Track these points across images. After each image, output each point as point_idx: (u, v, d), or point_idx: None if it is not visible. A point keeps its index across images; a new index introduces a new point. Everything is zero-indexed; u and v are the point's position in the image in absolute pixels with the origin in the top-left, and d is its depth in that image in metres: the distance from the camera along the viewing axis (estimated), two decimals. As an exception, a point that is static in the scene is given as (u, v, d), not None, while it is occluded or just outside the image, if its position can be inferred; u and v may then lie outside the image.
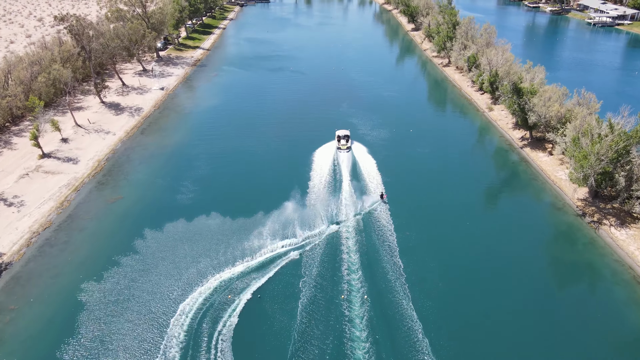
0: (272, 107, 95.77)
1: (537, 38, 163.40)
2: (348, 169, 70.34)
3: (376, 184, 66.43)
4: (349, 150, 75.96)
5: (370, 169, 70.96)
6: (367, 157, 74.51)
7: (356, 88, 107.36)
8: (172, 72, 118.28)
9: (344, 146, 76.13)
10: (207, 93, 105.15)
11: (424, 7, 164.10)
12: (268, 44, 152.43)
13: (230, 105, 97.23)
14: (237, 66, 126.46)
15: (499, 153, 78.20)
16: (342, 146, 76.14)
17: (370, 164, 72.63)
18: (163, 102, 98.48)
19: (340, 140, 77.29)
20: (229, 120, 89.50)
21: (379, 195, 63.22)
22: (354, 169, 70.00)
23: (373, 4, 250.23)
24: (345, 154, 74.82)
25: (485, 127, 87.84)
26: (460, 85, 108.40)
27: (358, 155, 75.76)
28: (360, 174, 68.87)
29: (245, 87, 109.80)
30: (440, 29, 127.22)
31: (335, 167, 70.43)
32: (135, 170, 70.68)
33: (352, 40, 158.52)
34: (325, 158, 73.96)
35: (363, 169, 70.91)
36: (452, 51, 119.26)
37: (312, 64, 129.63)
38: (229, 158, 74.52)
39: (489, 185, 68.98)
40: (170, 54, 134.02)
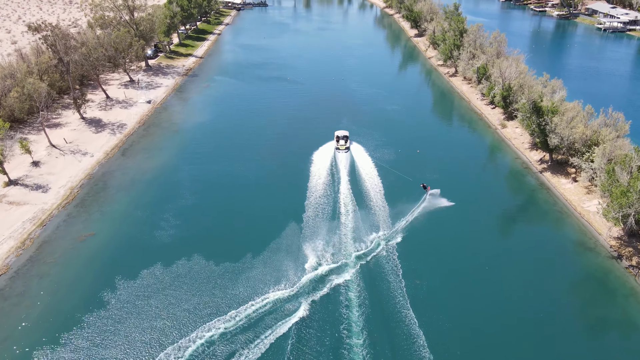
0: (266, 123, 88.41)
1: (546, 44, 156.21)
2: (350, 193, 63.23)
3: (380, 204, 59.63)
4: (348, 150, 75.72)
5: (375, 194, 63.93)
6: (372, 181, 67.35)
7: (357, 101, 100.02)
8: (161, 82, 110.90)
9: (342, 146, 75.81)
10: (197, 107, 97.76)
11: (427, 12, 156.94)
12: (264, 51, 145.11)
13: (221, 121, 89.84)
14: (231, 76, 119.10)
15: (515, 177, 70.84)
16: (340, 146, 75.87)
17: (373, 186, 65.88)
18: (149, 118, 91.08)
19: (339, 140, 77.00)
20: (218, 139, 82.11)
21: (422, 187, 64.83)
22: (354, 185, 62.75)
23: (374, 7, 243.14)
24: (343, 154, 74.72)
25: (498, 147, 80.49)
26: (468, 98, 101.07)
27: (357, 159, 74.00)
28: (362, 195, 61.63)
29: (238, 99, 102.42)
30: (446, 37, 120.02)
31: (335, 196, 63.06)
32: (111, 199, 63.23)
33: (353, 46, 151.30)
34: (323, 181, 66.68)
35: (365, 191, 63.89)
36: (459, 60, 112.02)
37: (311, 73, 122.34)
38: (217, 184, 67.14)
39: (505, 214, 61.68)
40: (160, 63, 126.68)
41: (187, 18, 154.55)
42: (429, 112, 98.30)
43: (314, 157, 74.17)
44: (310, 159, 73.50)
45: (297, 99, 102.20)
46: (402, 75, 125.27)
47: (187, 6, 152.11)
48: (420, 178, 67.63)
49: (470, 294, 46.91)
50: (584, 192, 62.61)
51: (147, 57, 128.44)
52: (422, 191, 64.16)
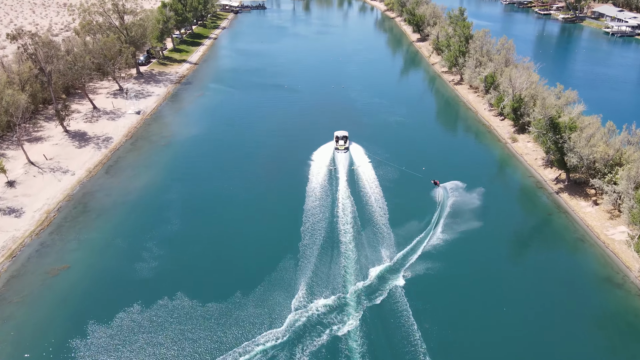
0: (261, 136, 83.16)
1: (552, 49, 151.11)
2: (351, 216, 57.98)
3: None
4: (347, 150, 75.76)
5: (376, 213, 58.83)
6: (375, 197, 62.12)
7: (358, 112, 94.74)
8: (152, 91, 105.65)
9: (341, 147, 75.85)
10: (189, 118, 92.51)
11: (430, 16, 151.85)
12: (261, 57, 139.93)
13: (214, 134, 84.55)
14: (226, 83, 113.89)
15: (529, 197, 65.52)
16: (340, 147, 75.90)
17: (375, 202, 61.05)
18: (137, 130, 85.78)
19: (339, 140, 77.07)
20: (210, 154, 76.84)
21: (433, 183, 65.76)
22: (357, 203, 57.48)
23: (374, 10, 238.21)
24: (342, 155, 74.72)
25: (508, 162, 75.22)
26: (475, 108, 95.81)
27: (356, 159, 72.97)
28: (365, 217, 56.36)
29: (233, 109, 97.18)
30: (450, 43, 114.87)
31: (334, 221, 57.77)
32: (90, 225, 57.89)
33: (353, 52, 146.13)
34: (320, 202, 61.41)
35: (368, 211, 58.62)
36: (465, 68, 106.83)
37: (309, 81, 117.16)
38: (207, 206, 61.83)
39: (519, 240, 56.54)
40: (152, 70, 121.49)
41: (182, 22, 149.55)
42: (434, 124, 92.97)
43: (310, 175, 68.91)
44: (307, 177, 68.26)
45: (295, 109, 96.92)
46: (404, 82, 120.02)
47: (182, 10, 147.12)
48: (426, 197, 62.48)
49: (486, 338, 41.66)
50: (607, 217, 57.33)
51: (139, 63, 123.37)
52: (430, 208, 59.11)
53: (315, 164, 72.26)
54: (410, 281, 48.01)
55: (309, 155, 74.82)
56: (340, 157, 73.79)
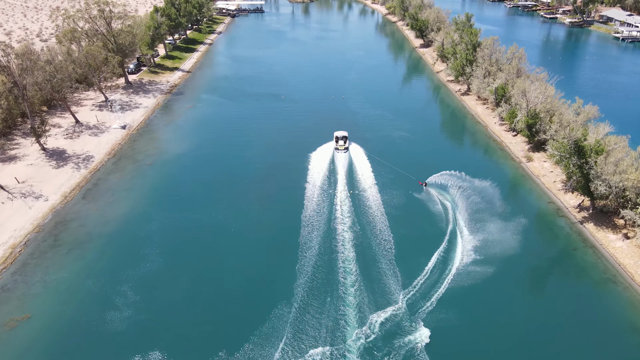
0: (254, 155, 76.89)
1: (561, 55, 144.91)
2: (353, 257, 51.66)
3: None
4: (347, 150, 75.90)
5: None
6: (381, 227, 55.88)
7: (359, 126, 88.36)
8: (140, 102, 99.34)
9: (341, 147, 76.01)
10: (178, 133, 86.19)
11: (434, 22, 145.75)
12: (258, 64, 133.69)
13: (203, 152, 78.19)
14: (219, 93, 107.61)
15: (549, 227, 59.11)
16: (339, 147, 76.04)
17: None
18: (121, 147, 79.47)
19: (338, 140, 77.23)
20: (198, 175, 70.55)
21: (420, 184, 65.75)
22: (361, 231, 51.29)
23: (375, 13, 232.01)
24: (342, 155, 74.78)
25: (524, 184, 68.91)
26: (485, 122, 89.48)
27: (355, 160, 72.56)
28: (370, 254, 50.11)
29: (225, 123, 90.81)
30: (457, 50, 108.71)
31: (334, 257, 51.52)
32: (59, 263, 51.61)
33: (354, 58, 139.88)
34: (318, 233, 55.17)
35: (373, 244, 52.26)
36: (472, 77, 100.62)
37: (308, 90, 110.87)
38: (192, 239, 55.50)
39: (541, 278, 50.50)
40: (142, 79, 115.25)
41: (175, 28, 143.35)
42: (442, 139, 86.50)
43: (307, 201, 62.59)
44: (303, 203, 61.97)
45: (292, 122, 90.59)
46: (408, 92, 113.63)
47: (175, 15, 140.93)
48: (435, 225, 56.23)
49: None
50: (640, 254, 51.19)
51: (129, 71, 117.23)
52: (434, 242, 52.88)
53: (311, 187, 66.01)
54: (429, 327, 41.76)
55: (306, 177, 68.59)
56: (340, 157, 74.16)
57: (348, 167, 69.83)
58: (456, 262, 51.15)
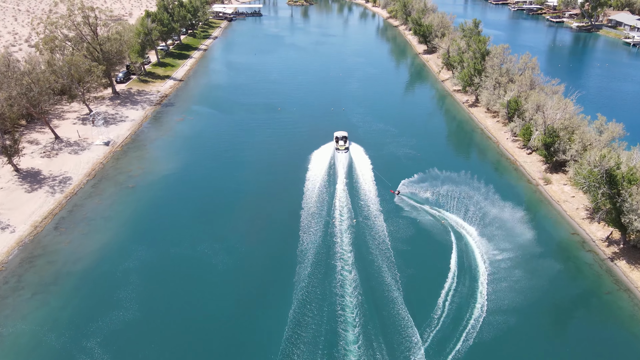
0: (247, 175, 70.60)
1: (571, 62, 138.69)
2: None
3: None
4: (347, 150, 76.14)
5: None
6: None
7: (362, 142, 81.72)
8: (127, 115, 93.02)
9: (342, 147, 76.18)
10: (165, 150, 79.80)
11: (438, 27, 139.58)
12: (254, 71, 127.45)
13: (191, 172, 71.87)
14: (211, 104, 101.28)
15: (574, 263, 52.69)
16: (340, 147, 76.23)
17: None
18: (102, 167, 73.13)
19: (339, 141, 77.43)
20: (183, 201, 64.14)
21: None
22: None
23: (376, 17, 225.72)
24: (343, 155, 74.96)
25: (542, 211, 62.53)
26: (496, 138, 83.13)
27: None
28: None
29: (215, 139, 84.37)
30: (464, 58, 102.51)
31: (335, 314, 45.22)
32: (20, 311, 45.22)
33: (354, 65, 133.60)
34: (313, 270, 48.90)
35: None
36: (481, 88, 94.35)
37: (306, 101, 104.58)
38: (172, 282, 49.12)
39: (568, 326, 43.91)
40: (131, 88, 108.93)
41: (168, 33, 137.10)
42: (450, 157, 79.85)
43: (302, 232, 56.34)
44: (299, 235, 55.72)
45: (288, 137, 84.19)
46: (413, 103, 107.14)
47: (168, 20, 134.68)
48: (446, 260, 49.97)
49: None
50: (684, 301, 44.90)
51: (118, 80, 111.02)
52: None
53: (308, 213, 59.73)
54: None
55: (302, 202, 62.27)
56: (340, 157, 74.31)
57: (348, 198, 63.24)
58: (475, 308, 44.86)
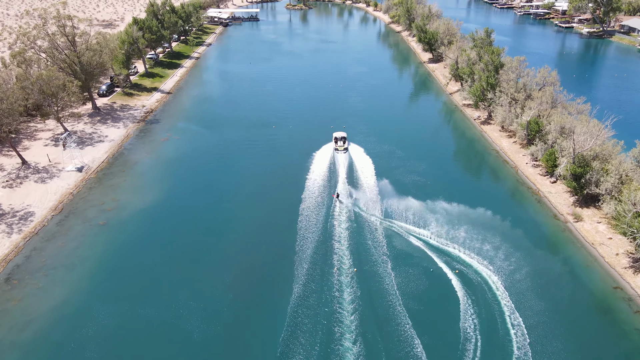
0: (236, 208, 62.08)
1: (586, 71, 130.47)
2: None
3: None
4: (346, 151, 76.79)
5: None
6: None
7: (362, 171, 73.60)
8: (106, 135, 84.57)
9: (341, 147, 76.74)
10: (145, 177, 71.31)
11: (444, 34, 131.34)
12: (248, 82, 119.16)
13: (172, 205, 63.37)
14: (199, 121, 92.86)
15: (621, 329, 43.72)
16: (339, 147, 76.78)
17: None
18: (72, 199, 64.61)
19: (338, 141, 78.02)
20: (161, 243, 55.57)
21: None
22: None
23: (377, 22, 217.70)
24: (342, 155, 75.50)
25: (575, 257, 53.76)
26: (515, 162, 74.62)
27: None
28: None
29: (202, 162, 75.98)
30: (474, 70, 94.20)
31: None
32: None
33: (355, 76, 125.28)
34: (312, 342, 40.46)
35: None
36: (495, 105, 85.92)
37: (303, 116, 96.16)
38: (139, 353, 40.73)
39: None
40: (114, 103, 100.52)
41: (157, 41, 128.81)
42: (463, 185, 70.96)
43: (296, 285, 47.90)
44: (292, 289, 47.32)
45: (284, 161, 75.67)
46: (419, 119, 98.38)
47: (157, 28, 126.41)
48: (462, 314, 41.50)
49: None
50: None
51: (100, 94, 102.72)
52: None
53: (302, 262, 51.33)
54: None
55: (295, 245, 53.83)
56: (339, 158, 74.80)
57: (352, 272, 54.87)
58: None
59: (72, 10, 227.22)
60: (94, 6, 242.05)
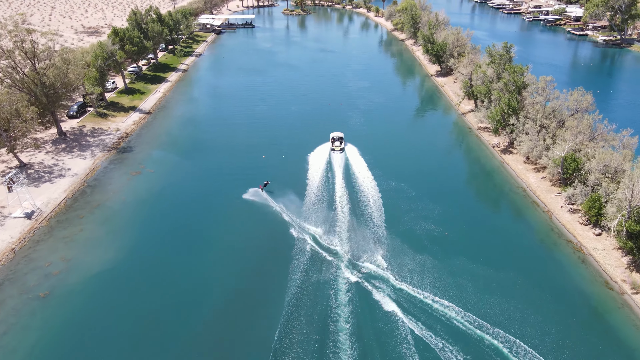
0: (212, 271, 50.37)
1: (610, 87, 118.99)
2: None
3: None
4: (343, 151, 76.91)
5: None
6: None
7: (370, 215, 61.93)
8: (69, 168, 72.91)
9: (337, 147, 77.05)
10: (106, 226, 59.37)
11: (453, 45, 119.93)
12: (237, 100, 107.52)
13: (134, 266, 51.52)
14: (178, 149, 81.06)
15: None
16: (335, 147, 77.08)
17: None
18: (11, 258, 52.88)
19: (335, 141, 78.25)
20: (116, 320, 43.76)
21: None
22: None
23: (379, 28, 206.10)
24: (339, 155, 75.86)
25: (637, 339, 42.54)
26: (547, 204, 62.73)
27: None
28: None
29: (177, 204, 64.09)
30: (491, 89, 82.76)
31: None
32: None
33: (357, 92, 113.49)
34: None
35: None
36: (519, 132, 74.39)
37: (298, 141, 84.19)
38: None
39: None
40: (83, 126, 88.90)
41: (139, 53, 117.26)
42: (488, 234, 58.74)
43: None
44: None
45: (274, 201, 64.18)
46: (430, 145, 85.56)
47: (138, 39, 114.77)
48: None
49: None
50: None
51: (70, 114, 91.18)
52: None
53: (291, 345, 39.77)
54: None
55: (288, 326, 42.19)
56: (336, 158, 75.24)
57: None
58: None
59: (58, 17, 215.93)
60: (82, 11, 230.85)
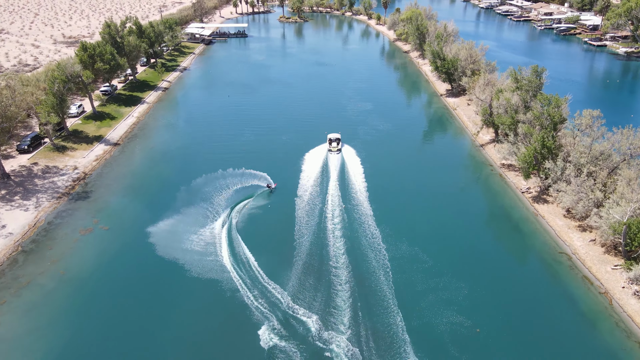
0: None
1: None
2: None
3: None
4: (339, 152, 77.21)
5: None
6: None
7: (375, 282, 48.13)
8: (3, 225, 58.94)
9: (334, 148, 77.34)
10: (31, 321, 45.29)
11: (466, 62, 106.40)
12: (220, 127, 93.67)
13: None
14: (144, 195, 67.19)
15: None
16: (332, 148, 77.36)
17: None
18: None
19: (332, 142, 78.65)
20: None
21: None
22: None
23: (381, 37, 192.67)
24: (335, 156, 75.99)
25: None
26: (603, 282, 48.72)
27: None
28: None
29: (130, 282, 50.12)
30: (515, 121, 69.09)
31: None
32: None
33: (358, 117, 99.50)
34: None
35: None
36: (556, 177, 60.70)
37: (289, 186, 70.43)
38: None
39: None
40: (35, 163, 75.13)
41: (112, 72, 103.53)
42: (533, 329, 44.86)
43: None
44: None
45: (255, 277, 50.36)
46: (446, 189, 70.33)
47: (110, 56, 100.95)
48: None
49: None
50: None
51: (22, 149, 77.57)
52: None
53: None
54: None
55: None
56: (332, 159, 75.18)
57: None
58: None
59: (40, 24, 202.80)
60: (67, 19, 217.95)
